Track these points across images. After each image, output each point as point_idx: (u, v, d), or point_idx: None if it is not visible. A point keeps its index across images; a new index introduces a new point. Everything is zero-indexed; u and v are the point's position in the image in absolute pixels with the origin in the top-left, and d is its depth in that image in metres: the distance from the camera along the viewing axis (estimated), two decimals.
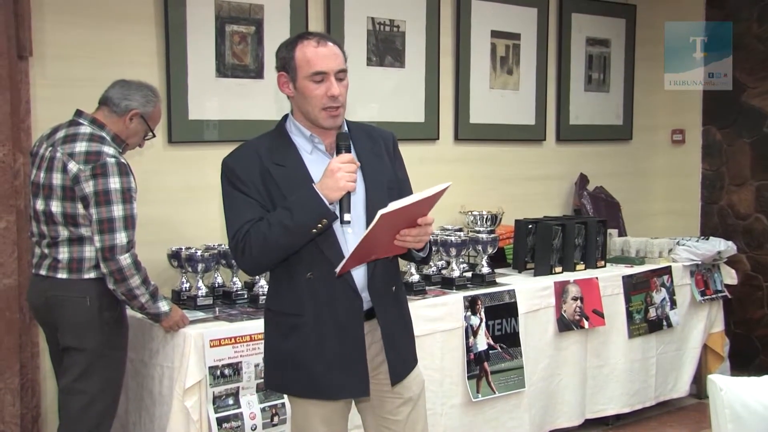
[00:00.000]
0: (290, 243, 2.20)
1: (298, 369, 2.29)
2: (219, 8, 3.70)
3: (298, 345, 2.28)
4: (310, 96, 2.25)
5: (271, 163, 2.27)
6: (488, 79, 4.74)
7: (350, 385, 2.30)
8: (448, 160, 4.57)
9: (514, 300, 3.81)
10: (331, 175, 2.17)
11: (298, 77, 2.26)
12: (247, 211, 2.24)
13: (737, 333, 5.24)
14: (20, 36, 3.20)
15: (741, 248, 5.16)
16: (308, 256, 2.24)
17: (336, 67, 2.26)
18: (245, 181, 2.26)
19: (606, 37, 5.34)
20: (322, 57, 2.24)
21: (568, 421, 4.08)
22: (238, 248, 2.23)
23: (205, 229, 3.66)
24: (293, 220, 2.17)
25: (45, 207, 2.81)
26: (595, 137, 5.35)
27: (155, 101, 2.99)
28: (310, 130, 2.32)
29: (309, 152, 2.32)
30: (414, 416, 2.42)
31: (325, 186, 2.17)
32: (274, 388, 2.51)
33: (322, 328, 2.27)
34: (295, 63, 2.25)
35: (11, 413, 3.20)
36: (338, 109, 2.27)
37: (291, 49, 2.28)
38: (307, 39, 2.28)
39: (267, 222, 2.19)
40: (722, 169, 5.45)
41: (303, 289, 2.27)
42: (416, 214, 2.16)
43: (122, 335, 2.93)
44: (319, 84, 2.24)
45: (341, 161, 2.19)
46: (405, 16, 4.35)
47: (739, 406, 1.97)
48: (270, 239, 2.18)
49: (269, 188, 2.25)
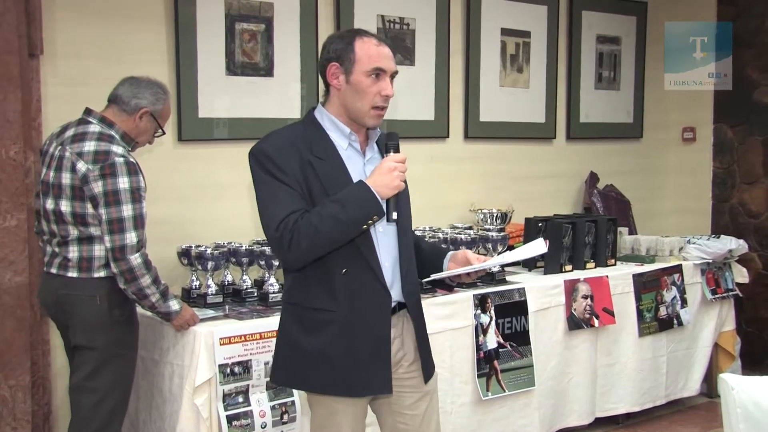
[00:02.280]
0: (340, 237, 2.20)
1: (324, 365, 2.27)
2: (229, 6, 3.71)
3: (327, 340, 2.26)
4: (364, 91, 2.26)
5: (311, 155, 2.25)
6: (498, 77, 4.73)
7: (375, 381, 2.30)
8: (457, 158, 4.56)
9: (524, 298, 3.80)
10: (387, 173, 2.19)
11: (354, 70, 2.25)
12: (289, 200, 2.20)
13: (748, 332, 5.20)
14: (31, 34, 3.21)
15: (752, 247, 5.13)
16: (344, 252, 2.24)
17: (393, 68, 2.30)
18: (284, 169, 2.22)
19: (616, 35, 5.32)
20: (384, 56, 2.28)
21: (578, 420, 4.07)
22: (285, 240, 2.17)
23: (215, 227, 3.66)
24: (346, 214, 2.16)
25: (55, 206, 2.82)
26: (606, 135, 5.33)
27: (165, 99, 2.98)
28: (349, 127, 2.31)
29: (344, 148, 2.31)
30: (430, 410, 2.44)
31: (381, 183, 2.18)
32: (290, 384, 2.49)
33: (353, 323, 2.26)
34: (355, 56, 2.25)
35: (22, 410, 3.22)
36: (384, 110, 2.30)
37: (349, 42, 2.27)
38: (368, 36, 2.29)
39: (318, 214, 2.16)
40: (733, 167, 5.42)
41: (337, 285, 2.25)
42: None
43: (132, 333, 2.94)
44: (375, 81, 2.26)
45: (396, 160, 2.21)
46: (415, 14, 4.35)
47: (751, 405, 1.96)
48: (321, 232, 2.15)
49: (309, 180, 2.23)
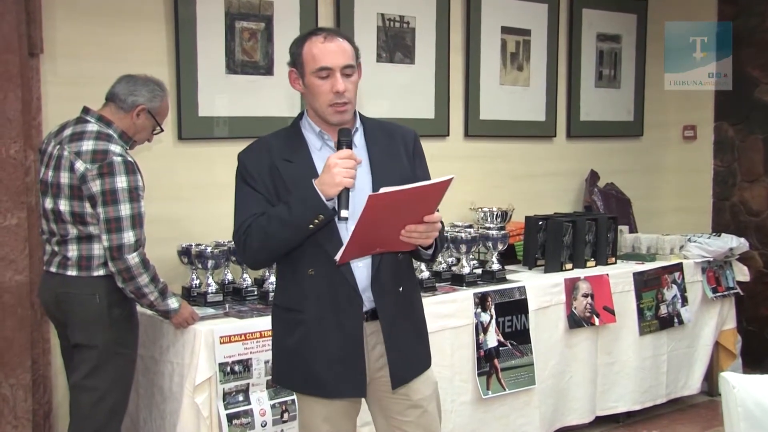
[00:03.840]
0: (288, 238, 2.20)
1: (300, 365, 2.30)
2: (229, 5, 3.70)
3: (300, 341, 2.28)
4: (317, 92, 2.24)
5: (279, 158, 2.27)
6: (498, 76, 4.73)
7: (347, 385, 2.29)
8: (458, 157, 4.56)
9: (525, 297, 3.80)
10: (327, 171, 2.15)
11: (305, 73, 2.25)
12: (253, 205, 2.24)
13: (749, 330, 5.20)
14: (31, 33, 3.21)
15: (753, 245, 5.12)
16: (310, 252, 2.24)
17: (342, 63, 2.23)
18: (254, 175, 2.27)
19: (617, 33, 5.32)
20: (327, 52, 2.22)
21: (579, 419, 4.07)
22: (240, 241, 2.25)
23: (215, 226, 3.65)
24: (290, 215, 2.16)
25: (54, 205, 2.82)
26: (606, 133, 5.32)
27: (162, 95, 2.97)
28: (320, 127, 2.31)
29: (318, 149, 2.31)
30: (425, 420, 2.38)
31: (322, 181, 2.15)
32: (280, 383, 2.50)
33: (323, 325, 2.26)
34: (303, 59, 2.25)
35: (23, 409, 3.22)
36: (345, 105, 2.25)
37: (300, 45, 2.27)
38: (316, 35, 2.26)
39: (267, 216, 2.20)
40: (734, 165, 5.41)
41: (305, 286, 2.27)
42: (422, 210, 2.13)
43: (132, 332, 2.94)
44: (324, 80, 2.23)
45: (339, 157, 2.16)
46: (415, 12, 4.34)
47: (752, 404, 1.95)
48: (269, 233, 2.19)
49: (276, 183, 2.25)
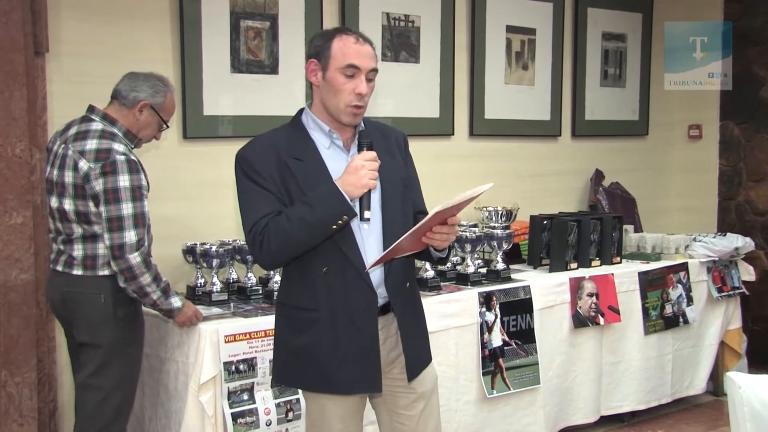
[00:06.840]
0: (310, 238, 2.21)
1: (312, 363, 2.30)
2: (234, 4, 3.70)
3: (313, 340, 2.28)
4: (338, 89, 2.25)
5: (289, 156, 2.26)
6: (503, 75, 4.72)
7: (363, 380, 2.30)
8: (462, 156, 4.56)
9: (529, 296, 3.79)
10: (354, 172, 2.17)
11: (330, 67, 2.25)
12: (265, 204, 2.23)
13: (755, 330, 5.19)
14: (37, 32, 3.22)
15: (759, 244, 5.11)
16: (325, 251, 2.24)
17: (369, 66, 2.26)
18: (262, 173, 2.25)
19: (622, 32, 5.31)
20: (359, 53, 2.24)
21: (583, 418, 4.06)
22: (256, 242, 2.22)
23: (220, 225, 3.67)
24: (314, 216, 2.17)
25: (59, 204, 2.82)
26: (611, 133, 5.32)
27: (165, 91, 2.95)
28: (329, 125, 2.32)
29: (326, 147, 2.31)
30: (427, 412, 2.42)
31: (348, 183, 2.17)
32: (288, 383, 2.51)
33: (337, 323, 2.27)
34: (331, 52, 2.25)
35: (29, 407, 3.22)
36: (361, 108, 2.27)
37: (328, 39, 2.27)
38: (347, 34, 2.28)
39: (287, 216, 2.19)
40: (740, 164, 5.40)
41: (318, 284, 2.27)
42: (448, 213, 2.17)
43: (137, 331, 2.94)
44: (349, 79, 2.24)
45: (365, 159, 2.19)
46: (420, 12, 4.34)
47: (757, 403, 1.95)
48: (290, 234, 2.18)
49: (287, 182, 2.25)
